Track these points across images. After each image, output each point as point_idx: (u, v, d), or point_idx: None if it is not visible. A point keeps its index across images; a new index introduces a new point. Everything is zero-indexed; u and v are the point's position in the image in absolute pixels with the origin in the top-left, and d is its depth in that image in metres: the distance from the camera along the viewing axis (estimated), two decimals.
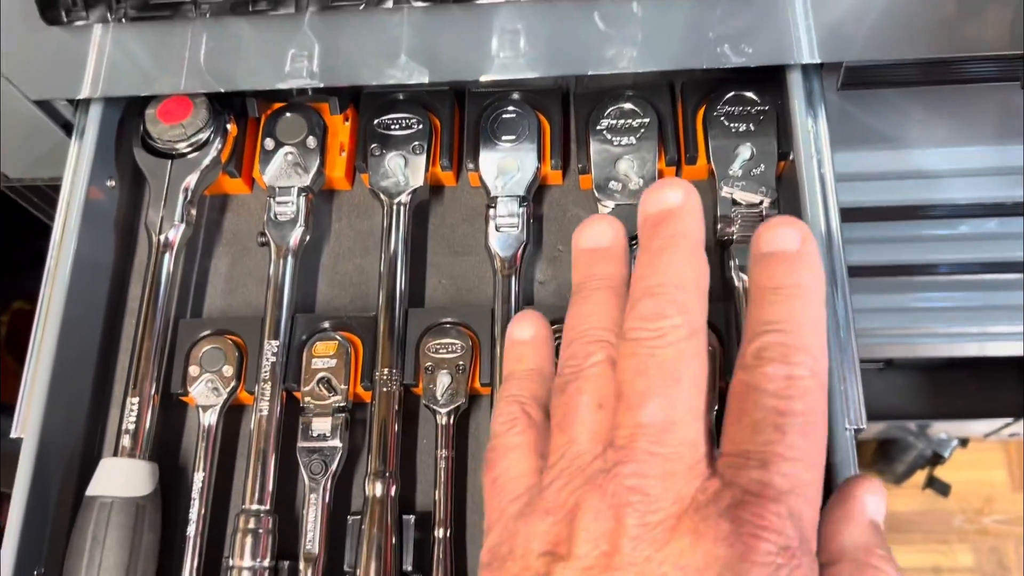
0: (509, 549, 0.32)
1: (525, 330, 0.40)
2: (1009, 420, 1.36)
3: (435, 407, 0.50)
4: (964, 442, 1.55)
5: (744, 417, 0.32)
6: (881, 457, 1.58)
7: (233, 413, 0.52)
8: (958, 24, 0.45)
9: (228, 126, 0.55)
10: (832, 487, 0.43)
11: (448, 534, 0.48)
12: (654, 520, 0.30)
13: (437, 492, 0.48)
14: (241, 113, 0.57)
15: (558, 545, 0.31)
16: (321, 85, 0.51)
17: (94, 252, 0.54)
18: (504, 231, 0.52)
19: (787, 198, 0.51)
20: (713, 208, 0.52)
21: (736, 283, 0.50)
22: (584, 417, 0.33)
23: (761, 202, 0.51)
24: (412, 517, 0.49)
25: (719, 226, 0.51)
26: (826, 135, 0.51)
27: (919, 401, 1.39)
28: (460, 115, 0.57)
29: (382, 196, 0.54)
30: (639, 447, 0.31)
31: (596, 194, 0.53)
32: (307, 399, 0.50)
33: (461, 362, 0.50)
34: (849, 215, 0.67)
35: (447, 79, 0.51)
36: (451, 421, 0.50)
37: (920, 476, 1.61)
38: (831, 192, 0.50)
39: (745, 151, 0.52)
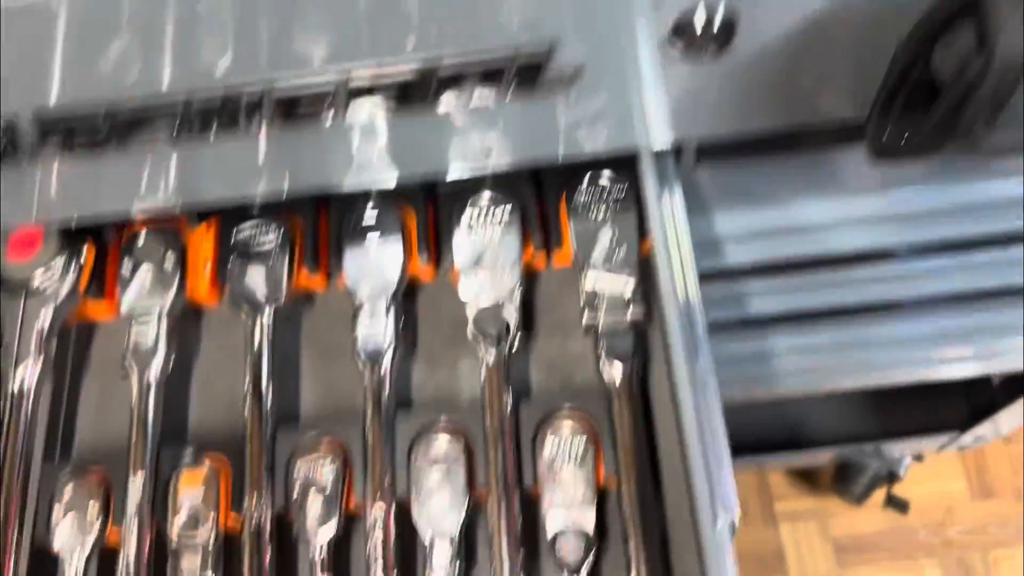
0: None
1: None
2: (956, 433, 1.36)
3: (309, 531, 0.48)
4: (919, 457, 1.55)
5: None
6: (839, 479, 1.58)
7: (105, 558, 0.50)
8: (793, 98, 0.45)
9: (83, 253, 0.54)
10: None
11: None
12: None
13: None
14: (99, 235, 0.55)
15: None
16: (178, 209, 0.50)
17: None
18: (371, 338, 0.51)
19: (649, 274, 0.51)
20: (580, 294, 0.52)
21: (607, 371, 0.49)
22: None
23: (623, 289, 0.50)
24: None
25: (585, 314, 0.50)
26: (681, 212, 0.50)
27: (866, 423, 1.39)
28: (326, 215, 0.56)
29: (245, 313, 0.53)
30: None
31: (461, 291, 0.52)
32: (175, 535, 0.48)
33: (329, 485, 0.48)
34: (751, 272, 0.67)
35: (308, 188, 0.50)
36: (325, 542, 0.48)
37: (880, 494, 1.60)
38: (689, 266, 0.49)
39: (606, 236, 0.51)
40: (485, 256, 0.52)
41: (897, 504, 1.56)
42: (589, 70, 0.42)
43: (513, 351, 0.50)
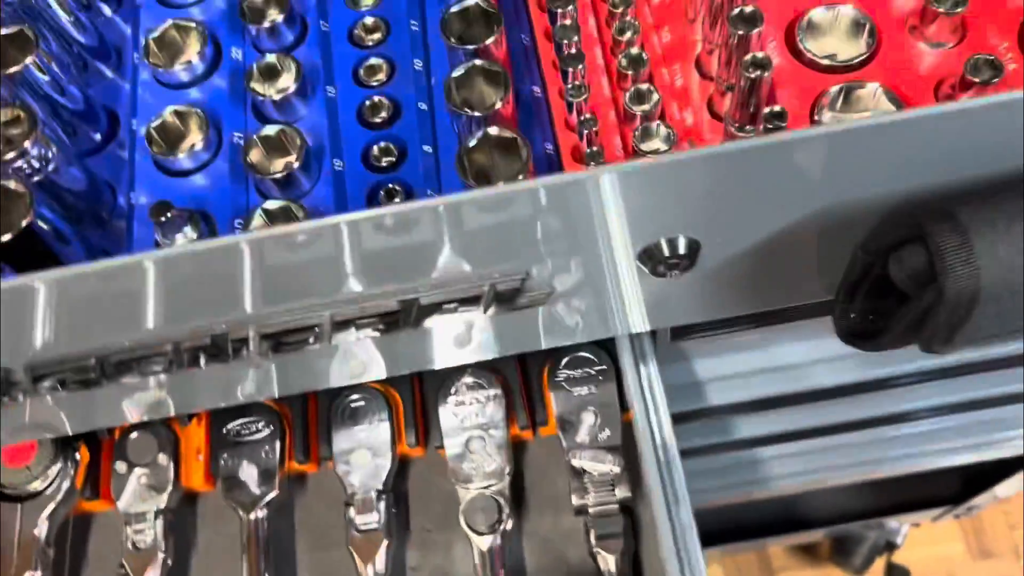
0: None
1: None
2: (950, 507, 1.37)
3: None
4: (916, 524, 1.56)
5: None
6: (837, 552, 1.58)
7: None
8: (761, 292, 0.47)
9: (78, 454, 0.54)
10: None
11: None
12: None
13: None
14: (92, 436, 0.56)
15: None
16: (169, 415, 0.51)
17: None
18: (364, 528, 0.52)
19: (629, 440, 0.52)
20: (567, 473, 0.53)
21: (601, 559, 0.50)
22: None
23: (609, 471, 0.51)
24: None
25: (574, 496, 0.51)
26: (658, 385, 0.52)
27: (861, 502, 1.40)
28: (315, 402, 0.57)
29: (240, 508, 0.53)
30: None
31: (451, 477, 0.53)
32: None
33: None
34: (735, 408, 0.68)
35: (294, 392, 0.51)
36: None
37: (880, 564, 1.61)
38: (668, 434, 0.50)
39: (589, 417, 0.52)
40: (472, 439, 0.53)
41: (898, 572, 1.56)
42: (566, 284, 0.44)
43: (506, 532, 0.51)
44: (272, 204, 0.46)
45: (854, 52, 0.44)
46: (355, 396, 0.55)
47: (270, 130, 0.47)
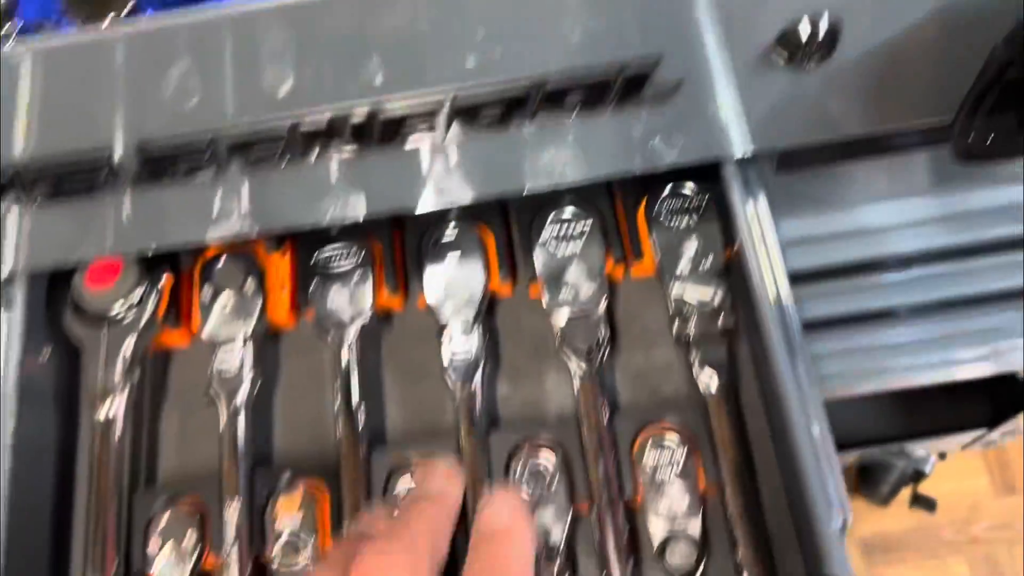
0: None
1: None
2: (982, 431, 1.36)
3: None
4: (943, 455, 1.56)
5: None
6: (864, 481, 1.58)
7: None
8: (885, 103, 0.46)
9: (162, 280, 0.53)
10: None
11: None
12: None
13: None
14: (176, 261, 0.55)
15: None
16: (254, 234, 0.50)
17: (34, 431, 0.51)
18: (459, 357, 0.51)
19: (737, 281, 0.51)
20: (666, 306, 0.52)
21: (703, 380, 0.49)
22: None
23: (712, 299, 0.50)
24: None
25: (676, 325, 0.50)
26: (768, 218, 0.50)
27: (892, 424, 1.39)
28: (401, 236, 0.56)
29: (330, 333, 0.52)
30: None
31: (546, 306, 0.51)
32: (275, 565, 0.48)
33: None
34: (806, 278, 0.67)
35: (383, 212, 0.50)
36: None
37: (906, 494, 1.61)
38: (780, 271, 0.49)
39: (691, 247, 0.51)
40: (568, 269, 0.52)
41: (924, 503, 1.56)
42: (686, 82, 0.42)
43: (603, 362, 0.50)
44: None
45: None
46: (448, 230, 0.54)
47: None
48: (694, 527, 0.47)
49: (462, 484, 0.46)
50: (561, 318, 0.51)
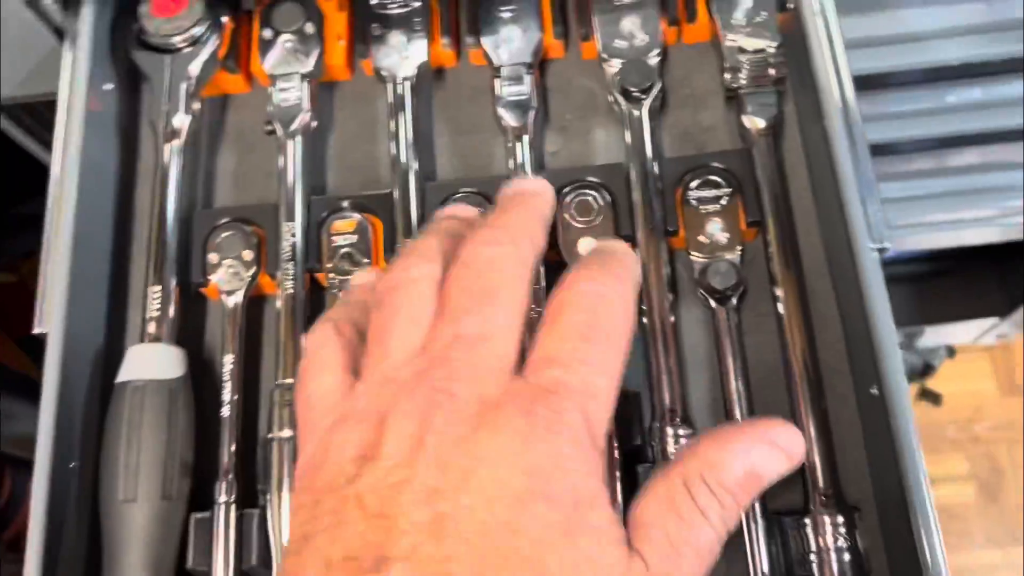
0: (323, 458, 0.33)
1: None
2: (995, 320, 1.38)
3: None
4: (952, 352, 1.58)
5: (555, 328, 0.34)
6: None
7: (255, 305, 0.52)
8: None
9: (223, 19, 0.54)
10: (858, 314, 0.43)
11: None
12: (458, 418, 0.31)
13: None
14: (236, 7, 0.56)
15: (368, 448, 0.32)
16: None
17: (98, 156, 0.53)
18: (513, 98, 0.52)
19: (790, 40, 0.52)
20: (719, 62, 0.53)
21: (749, 127, 0.50)
22: (399, 331, 0.35)
23: (766, 48, 0.51)
24: None
25: (727, 76, 0.52)
26: None
27: (905, 311, 1.41)
28: None
29: (386, 75, 0.54)
30: (451, 355, 0.33)
31: (602, 55, 0.53)
32: (331, 276, 0.50)
33: None
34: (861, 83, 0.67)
35: None
36: None
37: (912, 391, 1.64)
38: (836, 34, 0.50)
39: (746, 2, 0.52)
40: (622, 24, 0.53)
41: (931, 396, 1.59)
42: None
43: (656, 105, 0.51)
44: None
45: None
46: None
47: None
48: (735, 257, 0.48)
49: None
50: (616, 60, 0.52)
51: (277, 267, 0.50)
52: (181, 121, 0.52)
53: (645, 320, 0.48)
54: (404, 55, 0.54)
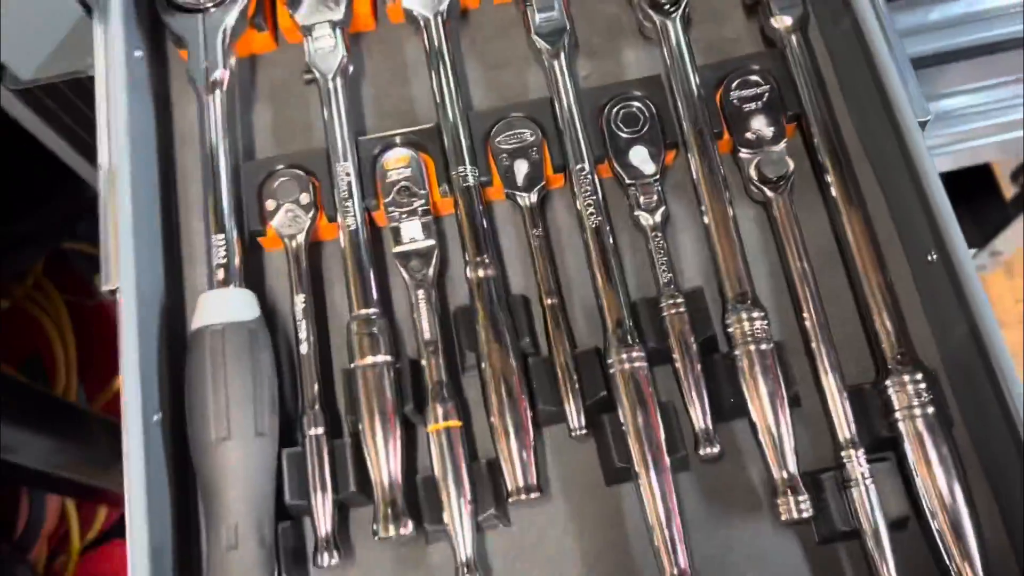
0: None
1: None
2: (972, 251, 1.43)
3: (519, 192, 0.51)
4: None
5: None
6: None
7: (313, 251, 0.52)
8: None
9: None
10: (908, 186, 0.45)
11: (555, 301, 0.49)
12: None
13: (537, 264, 0.50)
14: None
15: None
16: None
17: (139, 119, 0.53)
18: (546, 24, 0.54)
19: None
20: None
21: (778, 27, 0.52)
22: None
23: None
24: (519, 296, 0.50)
25: None
26: None
27: None
28: None
29: (418, 16, 0.54)
30: None
31: None
32: (391, 209, 0.51)
33: (534, 150, 0.51)
34: None
35: None
36: (535, 201, 0.51)
37: None
38: None
39: None
40: None
41: None
42: None
43: (686, 15, 0.53)
44: None
45: None
46: None
47: None
48: (782, 150, 0.50)
49: None
50: None
51: (334, 210, 0.51)
52: (221, 74, 0.52)
53: (705, 219, 0.49)
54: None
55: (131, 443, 0.44)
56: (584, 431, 0.46)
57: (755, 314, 0.47)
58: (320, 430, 0.47)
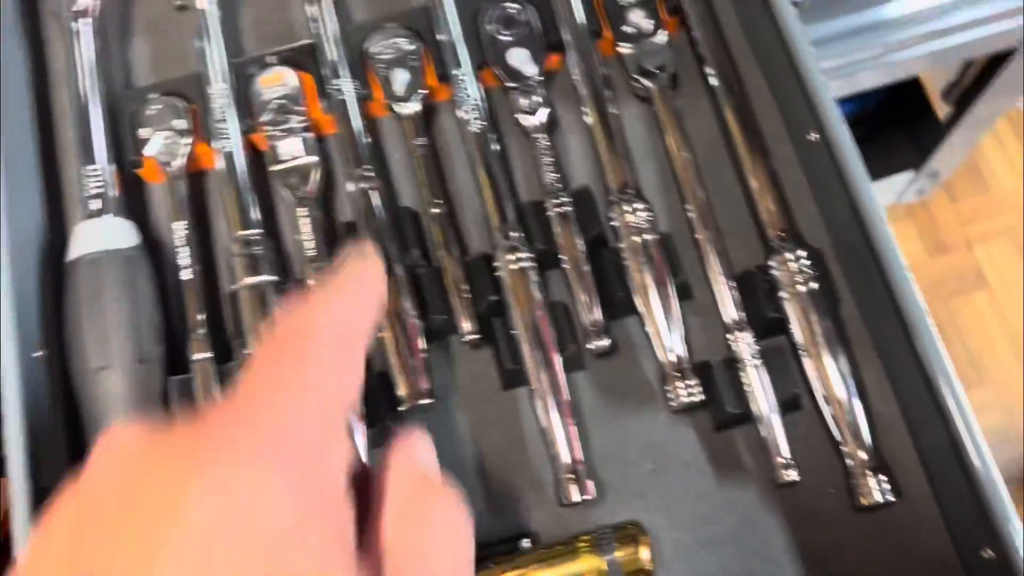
0: None
1: None
2: (911, 174, 1.43)
3: (401, 103, 0.50)
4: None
5: None
6: None
7: (194, 181, 0.51)
8: None
9: None
10: (785, 68, 0.45)
11: (442, 211, 0.48)
12: None
13: (421, 175, 0.49)
14: None
15: None
16: None
17: (11, 59, 0.51)
18: None
19: None
20: None
21: None
22: None
23: None
24: (403, 207, 0.49)
25: None
26: None
27: None
28: None
29: None
30: None
31: None
32: (267, 129, 0.50)
33: (412, 58, 0.50)
34: None
35: None
36: (418, 111, 0.50)
37: None
38: None
39: None
40: None
41: None
42: None
43: None
44: None
45: None
46: None
47: None
48: (662, 41, 0.49)
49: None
50: None
51: (212, 135, 0.50)
52: (85, 2, 0.51)
53: (588, 119, 0.49)
54: None
55: (7, 380, 0.43)
56: (476, 336, 0.46)
57: (638, 205, 0.46)
58: (206, 355, 0.46)
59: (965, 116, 1.27)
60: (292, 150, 0.49)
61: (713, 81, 0.49)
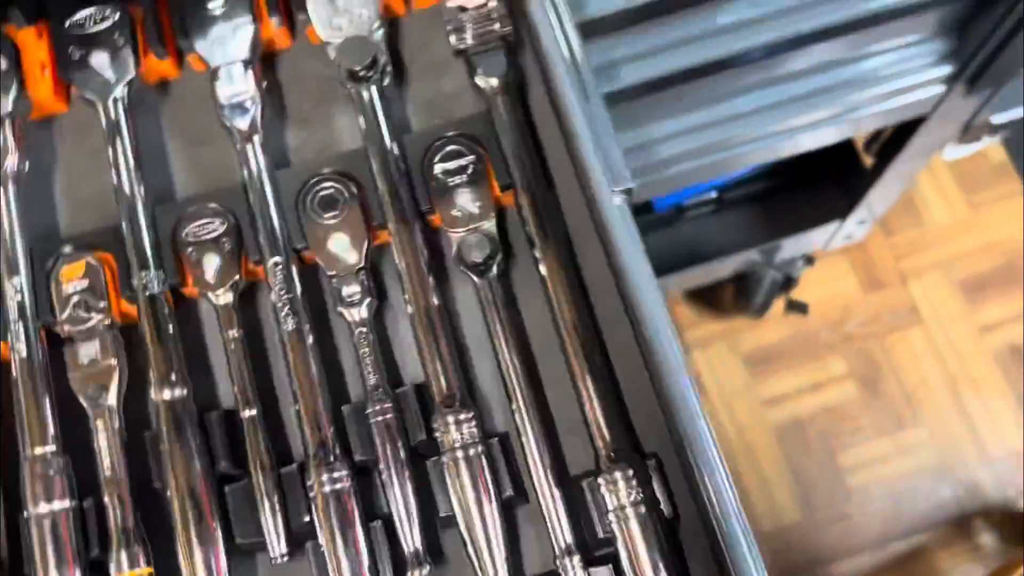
0: None
1: None
2: (838, 221, 1.42)
3: (210, 292, 0.46)
4: (811, 260, 1.62)
5: None
6: (738, 296, 1.63)
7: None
8: None
9: None
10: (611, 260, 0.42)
11: (257, 412, 0.45)
12: None
13: (233, 371, 0.45)
14: None
15: None
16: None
17: None
18: (234, 99, 0.49)
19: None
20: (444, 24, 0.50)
21: (484, 87, 0.48)
22: None
23: (487, 4, 0.49)
24: (215, 413, 0.45)
25: (452, 38, 0.49)
26: None
27: (755, 231, 1.44)
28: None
29: (96, 99, 0.49)
30: None
31: (322, 37, 0.49)
32: (67, 327, 0.46)
33: (226, 241, 0.47)
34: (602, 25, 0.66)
35: None
36: (232, 301, 0.46)
37: (780, 306, 1.67)
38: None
39: None
40: (338, 3, 0.50)
41: (797, 307, 1.63)
42: None
43: (385, 82, 0.49)
44: None
45: None
46: None
47: None
48: (490, 227, 0.46)
49: None
50: (337, 38, 0.49)
51: (8, 325, 0.46)
52: None
53: (411, 309, 0.45)
54: (110, 74, 0.49)
55: None
56: (285, 557, 0.43)
57: (462, 416, 0.43)
58: None
59: (889, 168, 1.26)
60: (91, 352, 0.45)
61: (541, 268, 0.45)
